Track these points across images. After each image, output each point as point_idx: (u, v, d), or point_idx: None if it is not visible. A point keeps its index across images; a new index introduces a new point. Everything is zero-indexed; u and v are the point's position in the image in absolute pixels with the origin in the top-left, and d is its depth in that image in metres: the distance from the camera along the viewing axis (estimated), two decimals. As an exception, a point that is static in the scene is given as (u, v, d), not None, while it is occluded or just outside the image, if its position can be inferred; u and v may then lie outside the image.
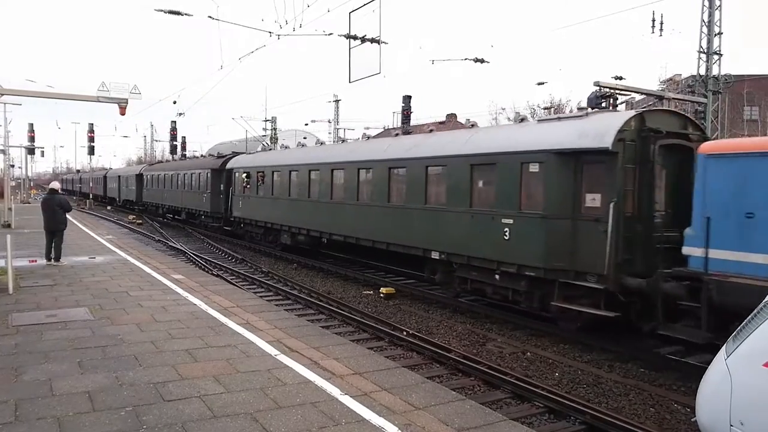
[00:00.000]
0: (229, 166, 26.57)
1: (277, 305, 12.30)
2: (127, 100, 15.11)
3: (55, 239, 14.10)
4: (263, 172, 22.85)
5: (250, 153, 27.84)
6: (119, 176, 53.84)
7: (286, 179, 20.84)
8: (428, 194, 13.83)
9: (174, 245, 24.42)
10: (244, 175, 24.29)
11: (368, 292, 15.29)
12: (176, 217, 36.54)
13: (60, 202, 14.19)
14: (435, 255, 13.45)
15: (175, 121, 49.94)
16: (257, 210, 23.39)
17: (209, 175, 28.54)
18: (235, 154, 29.39)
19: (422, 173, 13.99)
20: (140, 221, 37.52)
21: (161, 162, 47.06)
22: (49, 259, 14.06)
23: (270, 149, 30.00)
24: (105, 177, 62.38)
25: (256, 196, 23.25)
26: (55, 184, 15.28)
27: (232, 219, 25.99)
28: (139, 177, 44.40)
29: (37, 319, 8.49)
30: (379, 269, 18.42)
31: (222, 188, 27.35)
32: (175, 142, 52.13)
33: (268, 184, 22.41)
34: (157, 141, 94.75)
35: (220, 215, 27.91)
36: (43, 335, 7.62)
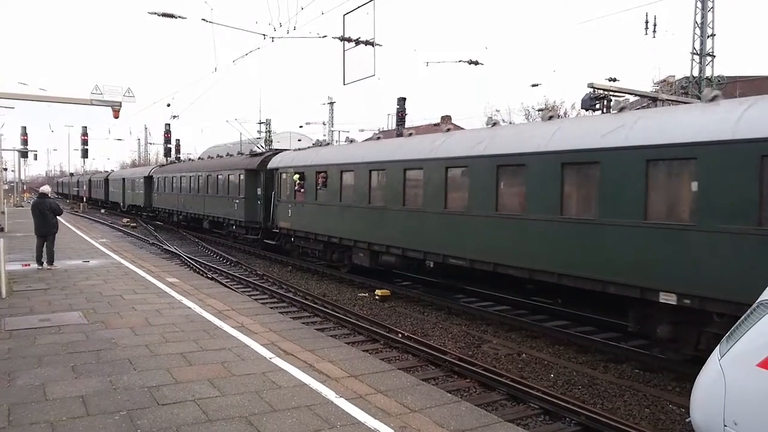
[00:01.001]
0: (271, 165, 21.84)
1: (272, 308, 12.26)
2: (120, 103, 15.08)
3: (47, 243, 14.03)
4: (325, 172, 17.95)
5: (301, 149, 21.70)
6: (124, 179, 47.87)
7: (364, 181, 15.72)
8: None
9: (168, 248, 24.35)
10: (296, 176, 19.50)
11: (363, 294, 15.28)
12: (197, 226, 31.30)
13: (50, 205, 14.11)
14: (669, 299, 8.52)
15: (169, 124, 49.69)
16: (315, 220, 18.32)
17: (243, 177, 23.95)
18: (275, 151, 24.46)
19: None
20: (134, 224, 37.37)
21: (176, 162, 40.63)
22: (40, 263, 13.99)
23: (325, 144, 23.78)
24: (107, 180, 55.87)
25: (314, 202, 18.32)
26: (46, 188, 15.21)
27: (277, 231, 21.36)
28: (149, 180, 39.41)
29: (30, 323, 8.44)
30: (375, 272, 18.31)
31: (260, 193, 23.06)
32: (169, 145, 51.85)
33: (333, 188, 17.39)
34: (151, 144, 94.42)
35: (257, 225, 23.34)
36: (36, 339, 7.58)
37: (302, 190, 19.18)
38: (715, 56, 28.68)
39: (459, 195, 12.66)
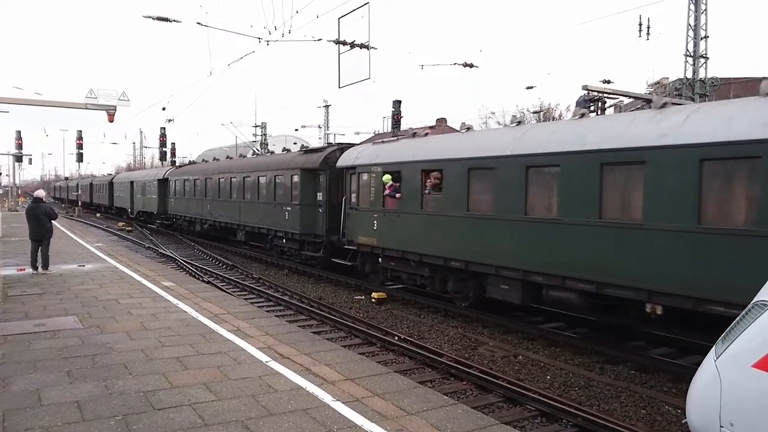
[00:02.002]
0: (342, 163, 16.84)
1: (268, 311, 12.26)
2: (115, 107, 15.06)
3: (42, 247, 13.98)
4: (440, 171, 13.06)
5: (387, 141, 16.57)
6: (132, 182, 42.54)
7: (518, 182, 10.99)
8: None
9: (164, 252, 24.29)
10: (386, 177, 14.52)
11: (360, 297, 15.26)
12: (227, 237, 27.24)
13: (45, 210, 14.06)
14: None
15: (164, 128, 49.61)
16: (421, 236, 13.46)
17: (298, 178, 19.21)
18: (341, 145, 19.26)
19: None
20: (130, 228, 37.24)
21: (198, 162, 35.83)
22: (35, 267, 13.94)
23: (421, 134, 15.58)
24: (111, 183, 50.62)
25: (419, 212, 13.53)
26: (40, 192, 15.16)
27: (350, 248, 16.37)
28: (163, 183, 34.91)
29: (25, 328, 8.40)
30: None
31: (321, 198, 18.30)
32: (164, 149, 51.78)
33: (454, 192, 12.54)
34: (146, 148, 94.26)
35: (317, 239, 18.63)
36: (31, 345, 7.54)
37: (397, 195, 14.22)
38: (708, 58, 28.81)
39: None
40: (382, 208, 14.85)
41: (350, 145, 18.76)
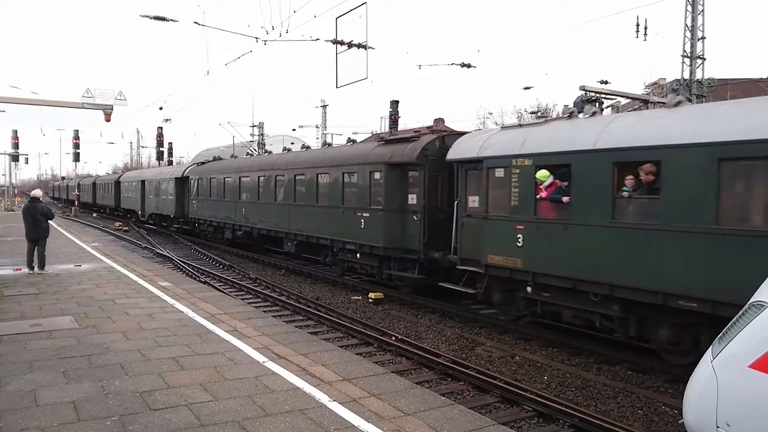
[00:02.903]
0: (456, 156, 12.76)
1: (264, 312, 12.24)
2: (112, 106, 15.04)
3: (38, 247, 13.94)
4: (655, 164, 8.79)
5: (526, 124, 12.30)
6: (143, 181, 37.99)
7: None
8: None
9: (161, 252, 24.24)
10: (541, 173, 10.56)
11: (357, 297, 15.25)
12: (271, 247, 23.61)
13: (42, 210, 14.02)
14: None
15: (161, 127, 49.61)
16: (611, 259, 9.28)
17: (381, 176, 14.82)
18: (445, 134, 14.87)
19: None
20: (126, 228, 37.15)
21: (225, 159, 29.78)
22: (31, 267, 13.90)
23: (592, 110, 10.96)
24: (118, 183, 45.62)
25: (610, 224, 9.31)
26: (37, 192, 15.11)
27: (468, 269, 12.19)
28: (182, 182, 30.55)
29: (21, 328, 8.37)
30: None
31: (416, 202, 13.96)
32: (161, 149, 51.76)
33: (682, 196, 8.37)
34: (143, 147, 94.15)
35: (410, 255, 14.16)
36: (27, 345, 7.52)
37: (564, 198, 10.05)
38: (705, 59, 28.85)
39: None
40: (534, 217, 10.61)
41: (456, 133, 14.64)
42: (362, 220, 15.42)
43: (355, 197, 16.00)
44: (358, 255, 15.96)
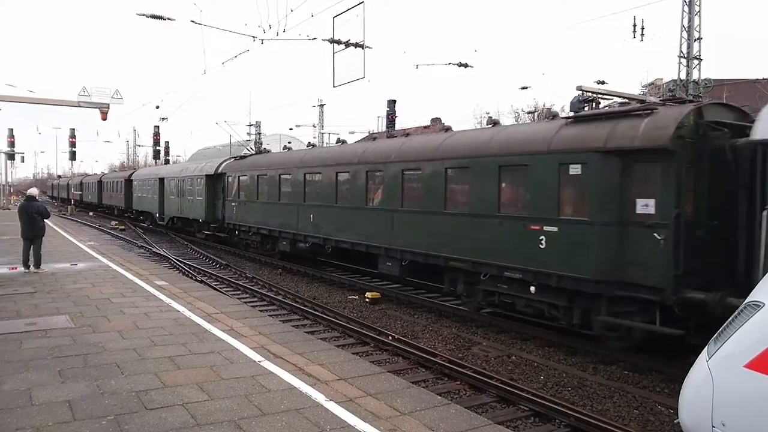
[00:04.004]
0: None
1: (261, 311, 12.22)
2: (108, 105, 15.00)
3: (34, 246, 13.90)
4: None
5: None
6: (162, 179, 32.91)
7: None
8: None
9: (157, 251, 24.20)
10: None
11: (353, 296, 15.25)
12: (357, 266, 18.54)
13: (38, 208, 13.98)
14: None
15: (158, 126, 49.54)
16: None
17: (595, 171, 9.79)
18: (702, 103, 9.99)
19: None
20: (123, 227, 37.06)
21: (273, 152, 25.27)
22: (27, 266, 13.86)
23: None
24: (129, 181, 40.67)
25: None
26: (33, 191, 15.07)
27: None
28: (214, 180, 25.92)
29: (16, 327, 8.35)
30: (364, 273, 18.25)
31: (655, 210, 9.03)
32: (158, 147, 51.69)
33: None
34: (140, 146, 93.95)
35: (649, 295, 8.99)
36: (22, 344, 7.49)
37: None
38: (702, 59, 28.90)
39: None
40: None
41: (719, 104, 10.37)
42: (542, 237, 10.56)
43: (525, 202, 10.98)
44: (532, 288, 10.86)
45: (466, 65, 21.54)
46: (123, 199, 41.79)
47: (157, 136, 50.32)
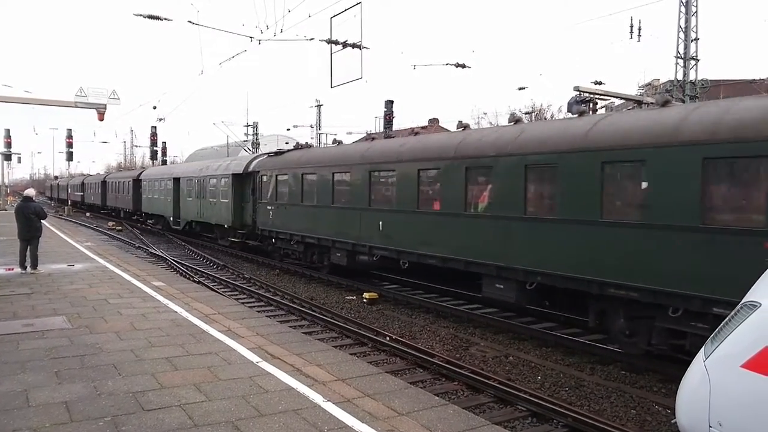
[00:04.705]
0: None
1: (259, 312, 12.22)
2: (105, 105, 14.99)
3: (31, 247, 13.86)
4: None
5: None
6: (177, 179, 30.02)
7: None
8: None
9: (154, 252, 24.16)
10: None
11: (351, 297, 15.24)
12: (426, 282, 15.87)
13: (35, 209, 13.95)
14: None
15: (155, 127, 49.53)
16: None
17: None
18: None
19: None
20: (120, 228, 36.99)
21: (316, 147, 24.24)
22: (23, 267, 13.83)
23: None
24: (137, 181, 37.89)
25: None
26: (30, 191, 15.03)
27: None
28: (243, 179, 22.82)
29: (13, 328, 8.33)
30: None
31: None
32: (155, 148, 51.63)
33: None
34: (137, 147, 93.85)
35: None
36: (19, 345, 7.48)
37: None
38: (698, 60, 29.00)
39: None
40: None
41: None
42: None
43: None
44: None
45: (463, 66, 21.57)
46: (131, 200, 38.86)
47: (154, 136, 50.29)
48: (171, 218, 30.88)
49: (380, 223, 14.64)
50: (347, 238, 15.95)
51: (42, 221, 14.18)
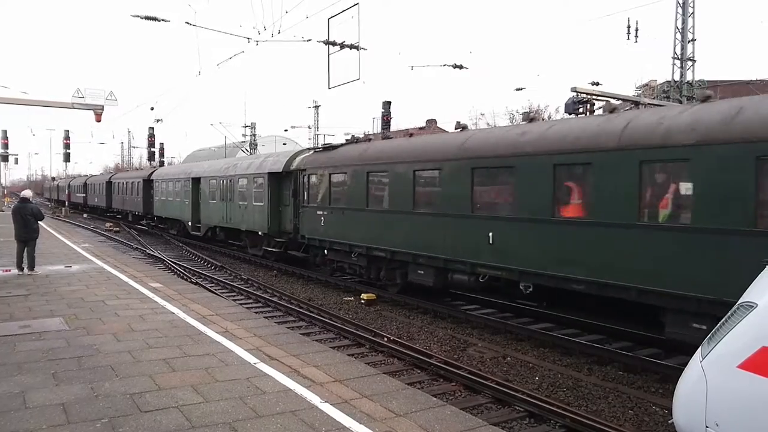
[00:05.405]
0: None
1: (256, 313, 12.21)
2: (102, 106, 14.97)
3: (28, 248, 13.84)
4: None
5: None
6: (195, 179, 27.35)
7: None
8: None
9: (152, 253, 24.13)
10: None
11: (349, 298, 15.24)
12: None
13: (32, 210, 13.93)
14: None
15: (152, 128, 49.43)
16: None
17: None
18: None
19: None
20: (117, 229, 36.92)
21: (374, 138, 21.38)
22: (20, 268, 13.80)
23: None
24: (148, 181, 34.80)
25: None
26: (27, 192, 14.99)
27: None
28: (281, 179, 20.01)
29: (10, 330, 8.31)
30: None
31: None
32: (153, 149, 51.57)
33: None
34: (134, 147, 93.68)
35: None
36: (16, 346, 7.46)
37: None
38: (695, 61, 29.07)
39: None
40: None
41: None
42: None
43: None
44: None
45: (461, 67, 21.58)
46: (140, 203, 35.58)
47: (152, 137, 50.21)
48: (189, 223, 27.86)
49: (489, 234, 11.40)
50: (435, 252, 12.74)
51: (39, 222, 14.15)
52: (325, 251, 17.19)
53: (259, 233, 21.18)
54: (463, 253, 12.06)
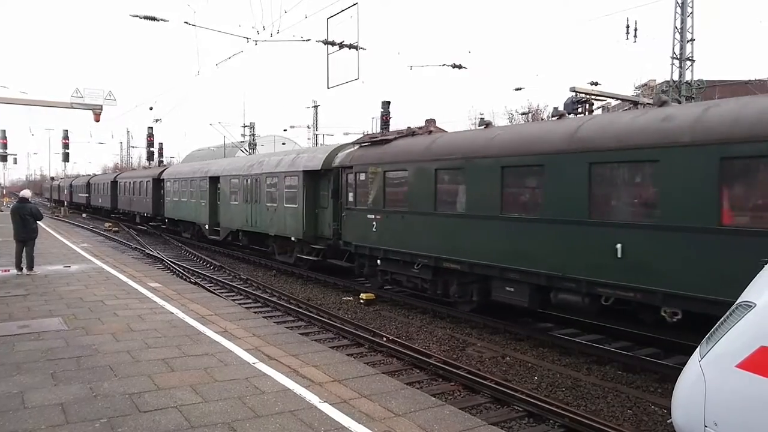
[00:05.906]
0: None
1: (255, 313, 12.20)
2: (101, 106, 14.97)
3: (27, 248, 13.84)
4: None
5: None
6: (214, 178, 25.23)
7: None
8: None
9: (151, 253, 24.12)
10: None
11: (348, 298, 15.24)
12: None
13: (31, 210, 13.93)
14: None
15: (151, 127, 49.40)
16: None
17: None
18: None
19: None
20: (116, 229, 36.90)
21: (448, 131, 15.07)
22: (19, 268, 13.80)
23: None
24: (158, 181, 32.50)
25: None
26: (26, 192, 14.99)
27: None
28: (318, 178, 17.83)
29: (8, 330, 8.30)
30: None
31: None
32: (152, 149, 51.56)
33: None
34: (133, 147, 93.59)
35: None
36: (15, 346, 7.46)
37: None
38: (694, 61, 29.05)
39: None
40: None
41: None
42: None
43: None
44: None
45: (460, 66, 21.61)
46: (150, 204, 33.19)
47: (151, 137, 50.20)
48: (206, 226, 25.55)
49: (618, 246, 9.01)
50: (534, 266, 10.46)
51: (38, 222, 14.15)
52: (378, 261, 14.78)
53: (292, 239, 18.78)
54: (575, 268, 9.73)
